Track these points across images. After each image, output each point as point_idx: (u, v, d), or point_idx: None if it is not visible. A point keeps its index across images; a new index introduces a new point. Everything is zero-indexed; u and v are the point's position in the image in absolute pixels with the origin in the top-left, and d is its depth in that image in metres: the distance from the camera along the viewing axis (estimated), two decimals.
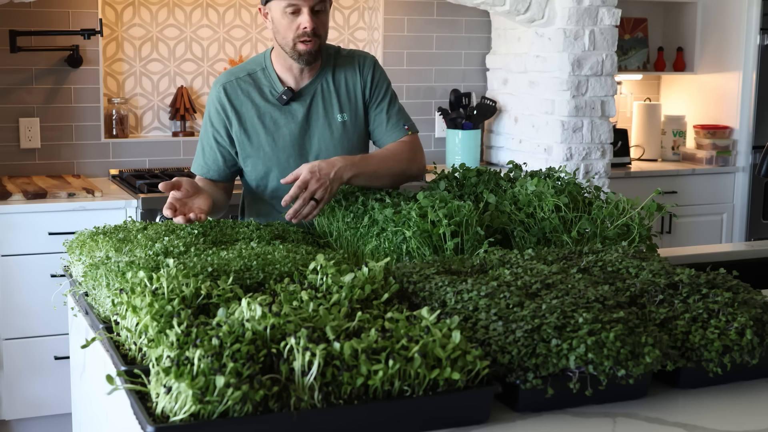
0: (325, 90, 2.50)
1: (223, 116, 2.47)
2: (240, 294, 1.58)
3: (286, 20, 2.36)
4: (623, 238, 2.03)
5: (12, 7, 3.81)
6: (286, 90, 2.46)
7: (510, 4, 4.06)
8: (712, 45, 5.00)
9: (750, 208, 4.88)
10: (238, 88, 2.48)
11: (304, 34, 2.35)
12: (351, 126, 2.51)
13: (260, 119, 2.46)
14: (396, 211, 2.06)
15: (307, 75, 2.49)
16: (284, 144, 2.47)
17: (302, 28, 2.35)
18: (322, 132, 2.48)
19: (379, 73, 2.55)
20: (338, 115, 2.49)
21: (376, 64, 2.56)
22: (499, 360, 1.40)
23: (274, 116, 2.47)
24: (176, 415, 1.23)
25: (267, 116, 2.47)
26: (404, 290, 1.67)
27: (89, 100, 4.05)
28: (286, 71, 2.48)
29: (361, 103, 2.53)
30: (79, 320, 1.97)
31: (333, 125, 2.49)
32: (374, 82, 2.54)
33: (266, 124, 2.46)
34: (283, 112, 2.47)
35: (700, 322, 1.52)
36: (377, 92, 2.54)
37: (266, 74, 2.49)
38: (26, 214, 3.44)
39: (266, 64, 2.50)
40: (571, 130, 4.16)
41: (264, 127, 2.46)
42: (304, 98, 2.49)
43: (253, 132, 2.47)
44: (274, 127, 2.46)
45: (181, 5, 4.21)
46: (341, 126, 2.50)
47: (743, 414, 1.45)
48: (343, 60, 2.53)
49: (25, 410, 3.55)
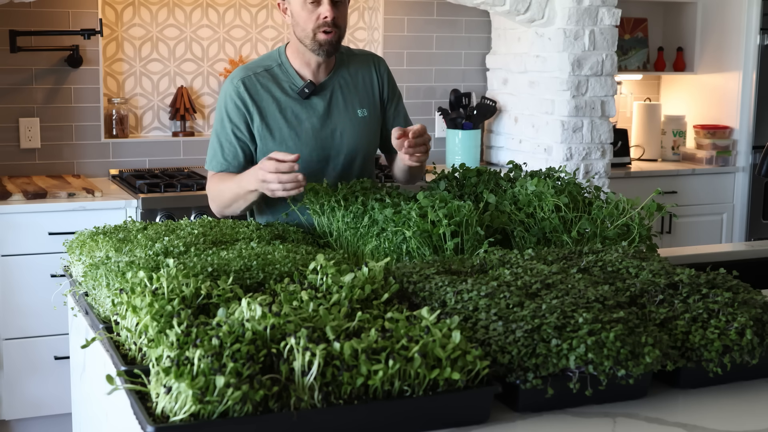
0: (344, 85, 2.51)
1: (243, 111, 2.44)
2: (240, 294, 1.58)
3: (306, 11, 2.36)
4: (623, 238, 2.03)
5: (12, 7, 3.81)
6: (308, 83, 2.45)
7: (510, 4, 4.06)
8: (712, 45, 5.00)
9: (750, 208, 4.88)
10: (257, 82, 2.46)
11: (324, 24, 2.35)
12: (371, 121, 2.54)
13: (282, 114, 2.45)
14: (396, 211, 2.06)
15: (324, 71, 2.49)
16: (307, 138, 2.45)
17: (323, 18, 2.35)
18: (345, 126, 2.49)
19: (391, 75, 2.64)
20: (359, 110, 2.51)
21: (387, 65, 2.63)
22: (499, 360, 1.40)
23: (295, 110, 2.46)
24: (176, 415, 1.23)
25: (288, 110, 2.45)
26: (404, 290, 1.67)
27: (89, 100, 4.05)
28: (303, 66, 2.47)
29: (378, 101, 2.58)
30: (79, 320, 1.97)
31: (354, 119, 2.50)
32: (390, 83, 2.61)
33: (288, 118, 2.45)
34: (304, 107, 2.47)
35: (700, 322, 1.52)
36: (393, 93, 2.61)
37: (283, 70, 2.48)
38: (26, 214, 3.44)
39: (282, 60, 2.49)
40: (571, 130, 4.16)
41: (286, 121, 2.45)
42: (324, 93, 2.49)
43: (275, 127, 2.45)
44: (297, 122, 2.45)
45: (181, 5, 4.21)
46: (362, 121, 2.52)
47: (743, 414, 1.45)
48: (356, 58, 2.57)
49: (25, 410, 3.55)
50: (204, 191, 3.64)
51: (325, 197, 2.24)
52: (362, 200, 2.23)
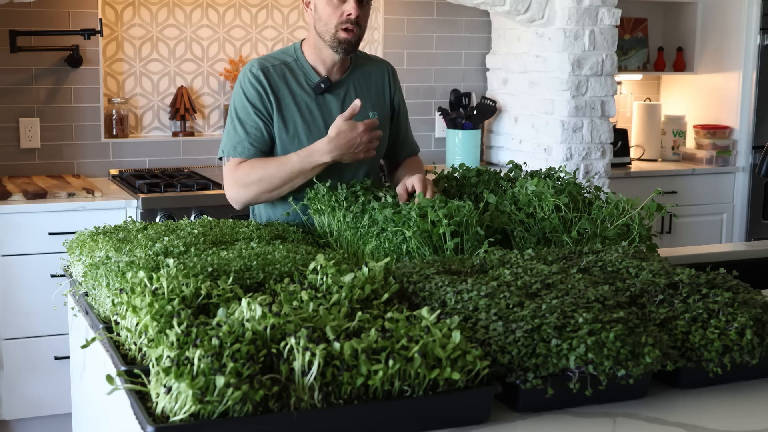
0: (358, 86, 2.52)
1: (265, 97, 2.42)
2: (240, 294, 1.58)
3: (332, 7, 2.36)
4: (623, 238, 2.03)
5: (12, 7, 3.81)
6: (324, 79, 2.45)
7: (510, 4, 4.06)
8: (712, 45, 5.00)
9: (750, 208, 4.88)
10: (275, 73, 2.45)
11: (347, 21, 2.36)
12: (380, 124, 2.53)
13: (297, 107, 2.44)
14: (396, 211, 2.06)
15: (339, 70, 2.49)
16: (319, 135, 2.42)
17: (346, 15, 2.35)
18: None
19: (400, 86, 2.66)
20: (371, 113, 2.51)
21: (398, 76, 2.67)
22: (499, 360, 1.40)
23: (309, 106, 2.46)
24: (176, 415, 1.23)
25: (303, 105, 2.45)
26: (404, 290, 1.67)
27: (89, 100, 4.05)
28: (319, 63, 2.47)
29: (390, 107, 2.60)
30: (79, 320, 1.97)
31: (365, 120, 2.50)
32: (400, 93, 2.64)
33: (303, 112, 2.45)
34: (318, 103, 2.47)
35: (700, 322, 1.52)
36: (402, 102, 2.64)
37: (299, 65, 2.48)
38: (26, 214, 3.44)
39: (298, 56, 2.49)
40: (571, 130, 4.16)
41: (301, 115, 2.44)
42: (339, 91, 2.49)
43: (290, 119, 2.44)
44: (310, 117, 2.45)
45: (181, 5, 4.21)
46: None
47: (743, 414, 1.45)
48: (371, 62, 2.60)
49: (25, 410, 3.55)
50: (204, 191, 3.67)
51: (325, 197, 2.24)
52: (362, 200, 2.23)
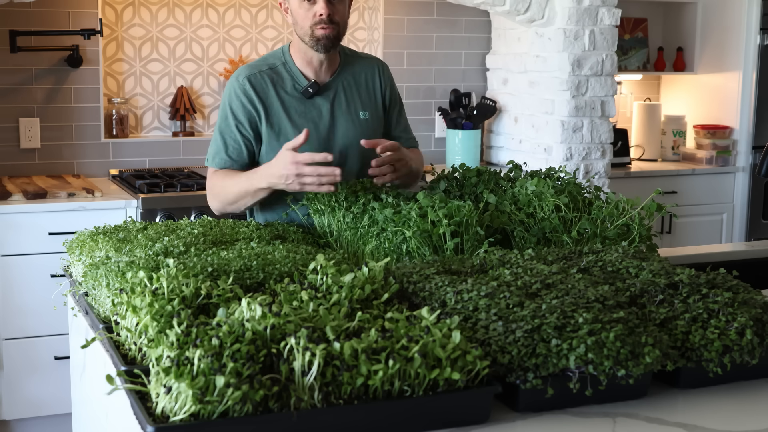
0: (347, 87, 2.52)
1: (249, 108, 2.44)
2: (240, 294, 1.58)
3: (303, 9, 2.39)
4: (623, 238, 2.03)
5: (12, 7, 3.81)
6: (312, 83, 2.46)
7: (510, 4, 4.06)
8: (712, 45, 5.00)
9: (750, 208, 4.88)
10: (262, 80, 2.46)
11: (320, 21, 2.38)
12: (372, 124, 2.54)
13: (286, 113, 2.45)
14: (396, 211, 2.06)
15: (328, 71, 2.50)
16: (310, 138, 2.42)
17: (318, 15, 2.37)
18: (347, 128, 2.49)
19: (394, 83, 2.65)
20: (361, 113, 2.52)
21: (390, 72, 2.66)
22: (499, 360, 1.39)
23: (299, 110, 2.46)
24: (176, 415, 1.23)
25: (292, 110, 2.46)
26: (404, 290, 1.67)
27: (89, 100, 4.05)
28: (306, 65, 2.48)
29: (381, 105, 2.59)
30: (79, 320, 1.97)
31: (356, 121, 2.51)
32: (392, 90, 2.63)
33: (293, 117, 2.45)
34: (307, 107, 2.47)
35: (700, 322, 1.52)
36: (394, 100, 2.63)
37: (287, 68, 2.49)
38: (26, 214, 3.44)
39: (286, 59, 2.50)
40: (571, 130, 4.16)
41: (291, 120, 2.45)
42: (328, 93, 2.50)
43: (279, 125, 2.45)
44: (301, 121, 2.45)
45: (181, 5, 4.21)
46: (364, 123, 2.52)
47: (743, 414, 1.45)
48: (361, 61, 2.59)
49: (25, 410, 3.55)
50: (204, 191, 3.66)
51: (325, 197, 2.24)
52: (362, 200, 2.23)
